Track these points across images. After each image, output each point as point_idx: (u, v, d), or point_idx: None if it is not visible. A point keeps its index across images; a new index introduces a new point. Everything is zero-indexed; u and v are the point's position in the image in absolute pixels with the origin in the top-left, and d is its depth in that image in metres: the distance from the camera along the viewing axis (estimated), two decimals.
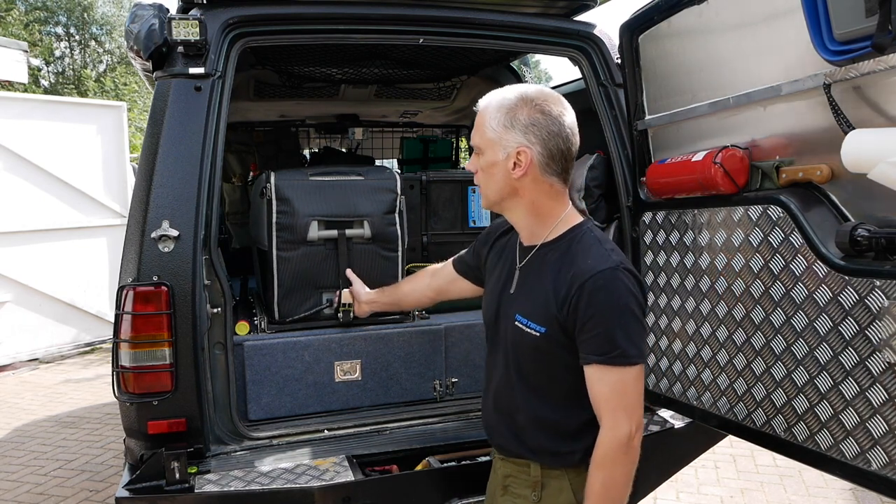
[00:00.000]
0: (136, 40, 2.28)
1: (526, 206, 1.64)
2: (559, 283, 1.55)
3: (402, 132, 5.66)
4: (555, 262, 1.59)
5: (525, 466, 1.67)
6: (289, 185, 2.69)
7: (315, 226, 2.69)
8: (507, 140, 1.57)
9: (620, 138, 2.74)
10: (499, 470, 1.76)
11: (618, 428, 1.50)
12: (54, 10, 26.40)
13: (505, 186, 1.61)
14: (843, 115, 1.59)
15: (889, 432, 1.57)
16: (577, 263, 1.54)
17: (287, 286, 2.71)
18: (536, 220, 1.65)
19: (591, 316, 1.50)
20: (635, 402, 1.53)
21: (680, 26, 2.20)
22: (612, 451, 1.50)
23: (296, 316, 2.73)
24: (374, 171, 2.99)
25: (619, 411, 1.51)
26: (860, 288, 1.60)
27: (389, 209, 2.79)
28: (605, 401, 1.52)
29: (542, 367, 1.62)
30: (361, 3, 2.58)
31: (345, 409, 2.67)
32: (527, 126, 1.55)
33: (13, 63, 8.85)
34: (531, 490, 1.66)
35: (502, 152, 1.58)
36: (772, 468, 4.17)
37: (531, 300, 1.62)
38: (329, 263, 2.73)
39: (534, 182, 1.59)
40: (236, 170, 4.52)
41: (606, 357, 1.50)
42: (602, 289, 1.50)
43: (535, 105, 1.56)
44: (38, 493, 4.12)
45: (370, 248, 2.78)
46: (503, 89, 1.63)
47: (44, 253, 7.11)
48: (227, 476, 2.18)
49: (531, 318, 1.59)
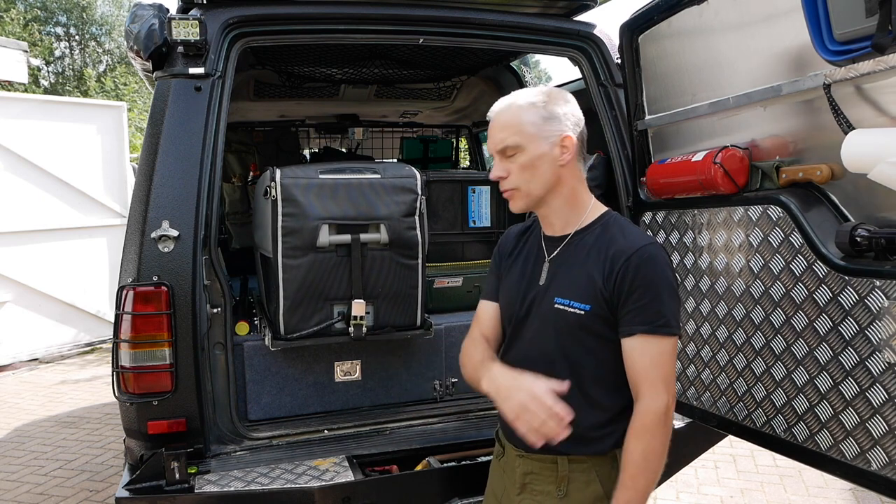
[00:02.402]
0: (136, 40, 2.28)
1: (566, 195, 1.69)
2: (601, 261, 1.61)
3: (402, 132, 5.66)
4: (593, 244, 1.65)
5: (551, 462, 1.66)
6: (296, 185, 2.45)
7: (326, 230, 2.47)
8: (549, 131, 1.64)
9: (620, 138, 2.74)
10: (517, 468, 1.72)
11: (657, 399, 1.54)
12: (54, 10, 26.39)
13: (551, 177, 1.66)
14: (843, 115, 1.59)
15: (889, 432, 1.57)
16: (619, 241, 1.61)
17: (294, 298, 2.47)
18: (572, 209, 1.71)
19: (637, 287, 1.55)
20: (671, 373, 1.58)
21: (680, 26, 2.20)
22: (652, 421, 1.53)
23: (303, 331, 2.50)
24: (392, 167, 2.70)
25: (658, 382, 1.54)
26: (860, 288, 1.60)
27: (409, 211, 2.55)
28: (645, 371, 1.55)
29: (586, 347, 1.63)
30: (361, 3, 2.58)
31: (345, 409, 2.67)
32: (564, 115, 1.65)
33: (13, 63, 8.84)
34: (556, 486, 1.65)
35: (546, 143, 1.63)
36: (772, 468, 4.17)
37: (571, 282, 1.65)
38: (341, 272, 2.50)
39: (573, 169, 1.68)
40: (236, 170, 4.52)
41: (652, 326, 1.55)
42: (647, 262, 1.56)
43: (561, 97, 1.67)
44: (38, 493, 4.12)
45: (387, 255, 2.55)
46: (517, 93, 1.70)
47: (44, 253, 7.11)
48: (227, 476, 2.18)
49: (574, 299, 1.63)
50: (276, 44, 2.66)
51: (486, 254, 3.60)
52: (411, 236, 2.56)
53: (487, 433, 2.28)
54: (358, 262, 2.50)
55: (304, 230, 2.45)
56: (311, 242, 2.46)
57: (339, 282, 2.51)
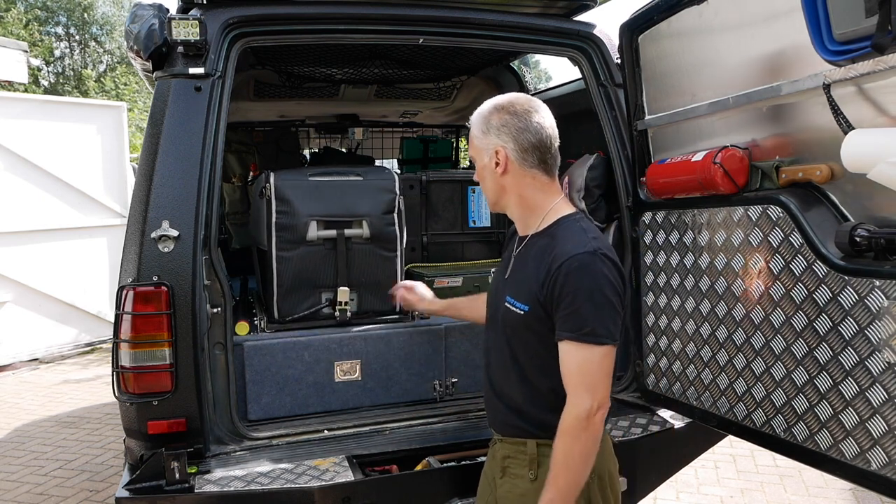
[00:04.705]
0: (136, 40, 2.28)
1: (516, 200, 1.79)
2: (541, 265, 1.68)
3: (402, 132, 5.66)
4: (541, 249, 1.73)
5: (522, 445, 1.76)
6: (288, 185, 2.70)
7: (314, 226, 2.71)
8: (487, 144, 1.75)
9: (620, 138, 2.74)
10: (498, 453, 1.84)
11: (579, 404, 1.60)
12: (54, 10, 26.40)
13: (494, 186, 1.79)
14: (842, 115, 1.59)
15: (889, 432, 1.57)
16: (558, 247, 1.67)
17: (286, 286, 2.72)
18: (527, 212, 1.80)
19: (566, 295, 1.62)
20: (599, 380, 1.61)
21: (680, 26, 2.20)
22: (572, 425, 1.60)
23: (295, 315, 2.74)
24: (373, 171, 3.01)
25: (581, 388, 1.61)
26: (860, 288, 1.60)
27: (388, 209, 2.80)
28: (571, 376, 1.63)
29: (528, 344, 1.73)
30: (361, 3, 2.58)
31: (345, 409, 2.67)
32: (498, 128, 1.73)
33: (13, 63, 8.84)
34: (528, 469, 1.74)
35: (486, 156, 1.77)
36: (772, 468, 4.17)
37: (518, 282, 1.76)
38: (328, 263, 2.75)
39: (516, 177, 1.75)
40: (236, 170, 4.51)
41: (577, 334, 1.61)
42: (577, 270, 1.61)
43: (503, 109, 1.74)
44: (38, 493, 4.12)
45: (369, 248, 2.79)
46: (482, 105, 1.80)
47: (44, 253, 7.11)
48: (227, 476, 2.18)
49: (517, 299, 1.73)
50: (276, 44, 2.67)
51: (486, 254, 3.60)
52: (391, 231, 2.81)
53: (487, 433, 2.28)
54: (343, 254, 2.76)
55: (296, 226, 2.69)
56: (301, 236, 2.70)
57: (327, 271, 2.76)
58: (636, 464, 2.44)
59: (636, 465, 2.44)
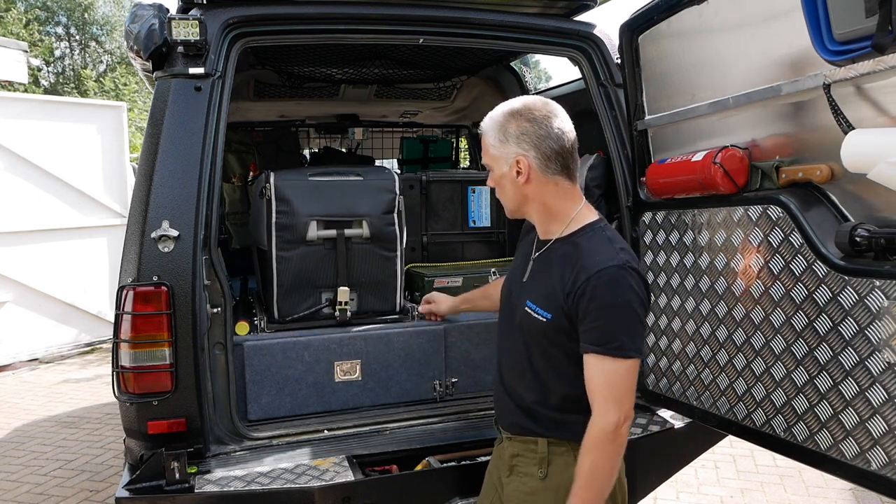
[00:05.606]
0: (136, 40, 2.28)
1: (538, 208, 1.76)
2: (567, 276, 1.66)
3: (402, 132, 5.65)
4: (565, 257, 1.70)
5: (532, 444, 1.75)
6: (288, 186, 2.70)
7: (314, 226, 2.70)
8: (506, 153, 1.71)
9: (620, 138, 2.74)
10: (505, 451, 1.83)
11: (606, 417, 1.59)
12: (54, 10, 26.39)
13: (516, 195, 1.76)
14: (842, 115, 1.59)
15: (889, 432, 1.57)
16: (585, 259, 1.64)
17: (286, 285, 2.71)
18: (550, 218, 1.77)
19: (594, 309, 1.59)
20: (625, 393, 1.61)
21: (680, 26, 2.20)
22: (599, 438, 1.59)
23: (295, 315, 2.73)
24: (373, 171, 3.00)
25: (609, 401, 1.59)
26: (860, 288, 1.60)
27: (388, 209, 2.80)
28: (598, 390, 1.61)
29: (548, 350, 1.72)
30: (361, 3, 2.58)
31: (345, 409, 2.67)
32: (518, 136, 1.69)
33: (13, 63, 8.85)
34: (537, 467, 1.74)
35: (505, 165, 1.72)
36: (772, 468, 4.17)
37: (541, 289, 1.73)
38: (328, 263, 2.74)
39: (539, 185, 1.71)
40: (236, 170, 4.51)
41: (603, 348, 1.59)
42: (606, 284, 1.59)
43: (521, 116, 1.69)
44: (38, 493, 4.12)
45: (369, 248, 2.79)
46: (494, 110, 1.76)
47: (44, 253, 7.11)
48: (227, 476, 2.18)
49: (539, 305, 1.71)
50: (276, 44, 2.67)
51: (486, 254, 3.60)
52: (390, 231, 2.80)
53: (487, 433, 2.29)
54: (343, 254, 2.75)
55: (296, 225, 2.69)
56: (301, 236, 2.70)
57: (327, 271, 2.75)
58: (636, 464, 2.43)
59: (636, 465, 2.44)
